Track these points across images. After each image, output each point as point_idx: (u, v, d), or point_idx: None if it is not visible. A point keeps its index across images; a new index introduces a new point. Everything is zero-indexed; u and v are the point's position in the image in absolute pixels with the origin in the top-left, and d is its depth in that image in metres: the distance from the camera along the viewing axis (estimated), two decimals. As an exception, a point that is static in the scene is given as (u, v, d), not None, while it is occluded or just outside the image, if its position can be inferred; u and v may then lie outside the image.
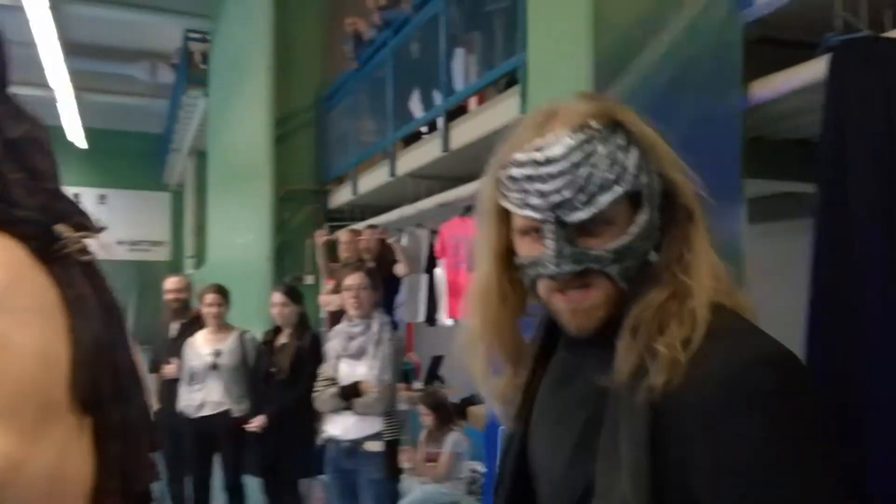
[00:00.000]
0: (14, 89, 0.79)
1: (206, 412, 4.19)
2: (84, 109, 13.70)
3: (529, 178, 0.86)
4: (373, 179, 6.33)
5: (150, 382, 4.67)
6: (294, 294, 4.18)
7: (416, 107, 5.53)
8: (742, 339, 0.80)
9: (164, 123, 15.28)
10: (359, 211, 7.13)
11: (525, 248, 0.90)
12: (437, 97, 4.98)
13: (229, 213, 9.62)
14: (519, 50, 3.66)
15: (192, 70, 12.02)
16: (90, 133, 15.18)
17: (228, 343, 4.25)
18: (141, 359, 0.90)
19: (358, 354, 3.40)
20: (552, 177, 0.85)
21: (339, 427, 3.36)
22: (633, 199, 0.87)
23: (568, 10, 2.79)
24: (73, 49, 11.37)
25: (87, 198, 17.21)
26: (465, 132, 4.51)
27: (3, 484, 0.58)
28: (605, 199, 0.84)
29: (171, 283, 4.80)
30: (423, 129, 5.44)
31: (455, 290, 5.09)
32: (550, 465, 0.94)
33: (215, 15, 11.06)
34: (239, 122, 8.98)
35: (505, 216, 0.93)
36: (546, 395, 0.99)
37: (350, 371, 3.39)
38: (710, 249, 0.88)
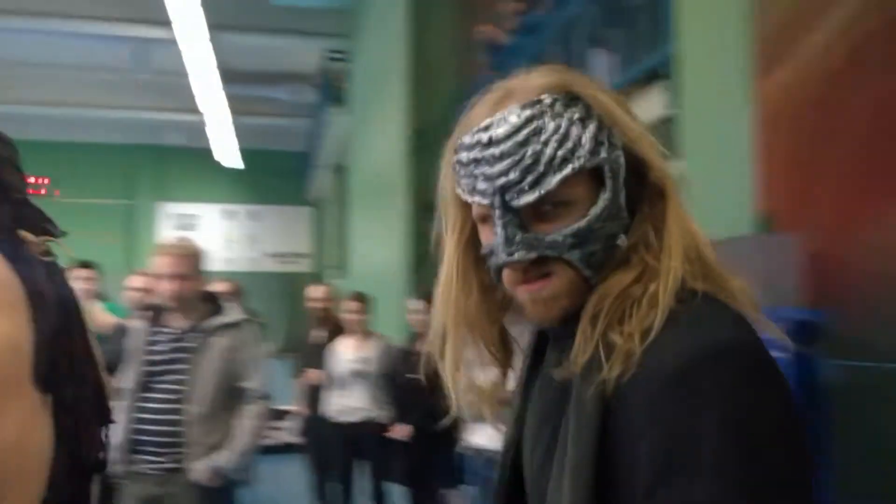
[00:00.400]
0: (167, 115, 0.87)
1: (350, 418, 4.26)
2: (235, 131, 14.57)
3: (476, 162, 0.80)
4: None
5: (296, 388, 4.83)
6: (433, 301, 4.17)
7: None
8: (701, 328, 0.71)
9: (306, 141, 15.99)
10: (496, 219, 7.10)
11: (485, 237, 0.85)
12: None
13: (370, 225, 9.89)
14: (665, 43, 3.48)
15: (332, 89, 12.51)
16: (240, 153, 16.11)
17: (371, 350, 4.31)
18: (96, 343, 0.90)
19: (499, 363, 3.34)
20: (497, 159, 0.78)
21: (484, 436, 3.31)
22: (598, 178, 0.79)
23: (723, -6, 2.60)
24: (225, 75, 12.13)
25: (240, 214, 18.31)
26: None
27: None
28: (554, 180, 0.77)
29: (314, 292, 4.96)
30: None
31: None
32: (530, 471, 0.88)
33: (354, 34, 11.46)
34: (378, 136, 9.22)
35: (466, 204, 0.86)
36: (536, 396, 0.91)
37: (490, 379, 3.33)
38: (687, 229, 0.80)
